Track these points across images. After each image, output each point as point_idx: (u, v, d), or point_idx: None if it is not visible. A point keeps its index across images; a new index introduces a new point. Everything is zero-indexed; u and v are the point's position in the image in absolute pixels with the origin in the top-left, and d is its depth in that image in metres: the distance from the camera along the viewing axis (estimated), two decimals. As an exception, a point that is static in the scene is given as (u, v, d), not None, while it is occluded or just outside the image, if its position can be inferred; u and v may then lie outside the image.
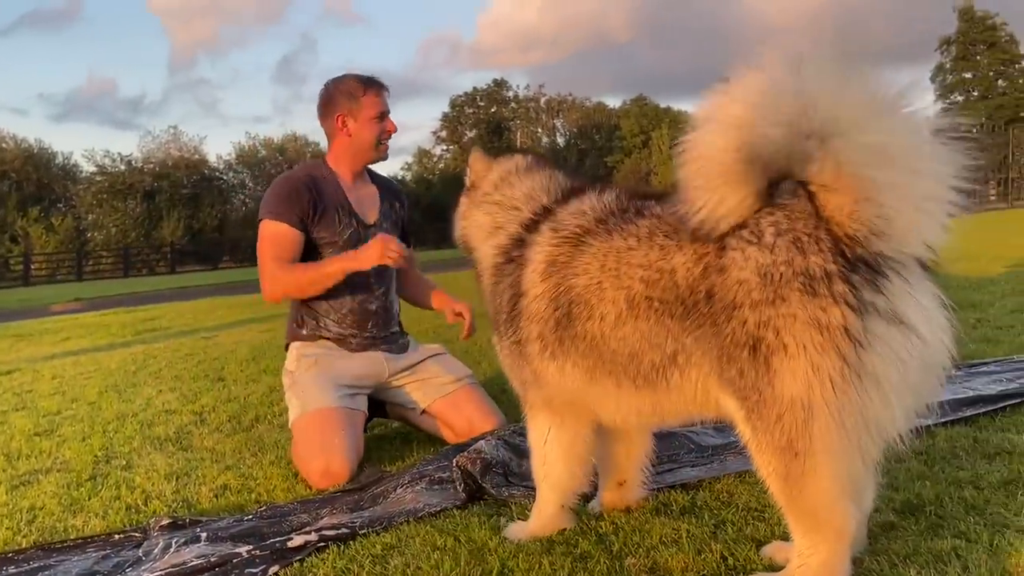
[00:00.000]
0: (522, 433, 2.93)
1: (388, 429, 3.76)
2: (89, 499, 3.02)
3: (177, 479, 3.17)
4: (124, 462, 3.50)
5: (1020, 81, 47.13)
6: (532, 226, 2.25)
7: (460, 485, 2.66)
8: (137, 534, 2.59)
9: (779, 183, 1.72)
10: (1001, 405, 3.09)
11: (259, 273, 3.28)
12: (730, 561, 2.03)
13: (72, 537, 2.62)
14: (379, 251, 3.05)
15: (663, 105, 61.03)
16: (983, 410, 3.05)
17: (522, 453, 2.84)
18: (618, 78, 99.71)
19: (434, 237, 34.63)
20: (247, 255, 43.66)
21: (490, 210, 2.39)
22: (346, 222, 3.35)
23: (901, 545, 2.02)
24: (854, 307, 1.61)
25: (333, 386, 3.22)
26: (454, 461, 2.74)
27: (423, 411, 3.42)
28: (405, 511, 2.54)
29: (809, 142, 1.62)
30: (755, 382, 1.72)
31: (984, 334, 4.59)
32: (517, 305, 2.19)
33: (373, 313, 3.42)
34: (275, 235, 3.26)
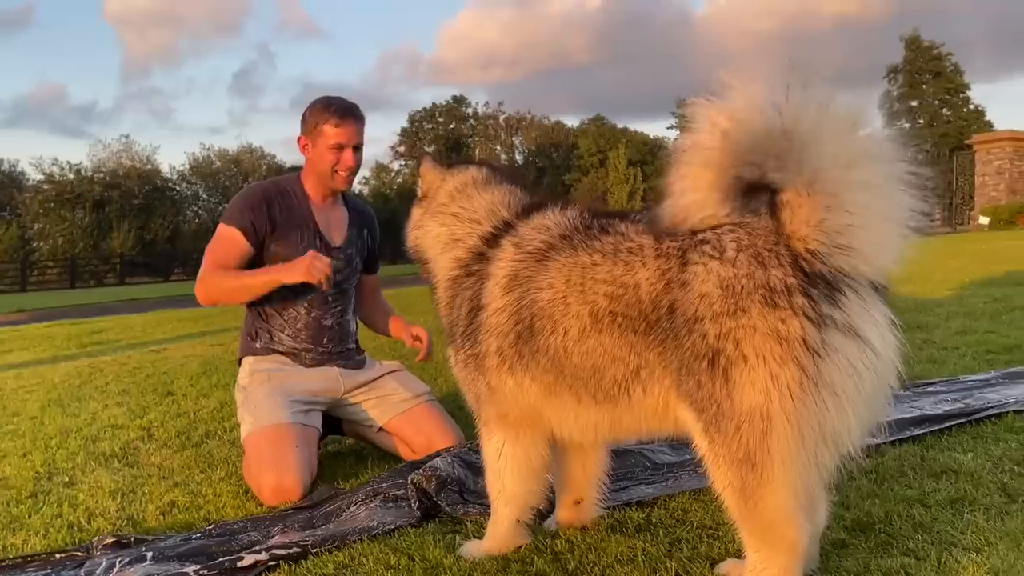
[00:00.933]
0: (478, 451, 2.90)
1: (342, 446, 3.71)
2: (29, 517, 2.92)
3: (122, 496, 3.09)
4: (67, 479, 3.39)
5: (964, 110, 48.66)
6: (493, 240, 2.25)
7: (415, 503, 2.63)
8: (79, 553, 2.51)
9: (753, 191, 1.75)
10: (947, 425, 3.15)
11: (199, 273, 3.26)
12: (684, 579, 2.04)
13: (11, 556, 2.53)
14: (305, 267, 3.03)
15: (620, 125, 61.71)
16: (929, 429, 3.11)
17: (478, 470, 2.81)
18: (576, 98, 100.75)
19: (390, 252, 34.35)
20: (199, 267, 42.99)
21: (446, 221, 2.39)
22: (309, 242, 3.31)
23: (852, 563, 2.05)
24: (813, 319, 1.66)
25: (287, 402, 3.17)
26: (409, 478, 2.72)
27: (380, 428, 3.38)
28: (359, 529, 2.50)
29: (790, 143, 1.67)
30: (713, 393, 1.75)
31: (930, 355, 4.69)
32: (476, 319, 2.19)
33: (328, 329, 3.38)
34: (224, 239, 3.26)
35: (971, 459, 2.77)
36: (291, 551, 2.33)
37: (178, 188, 51.02)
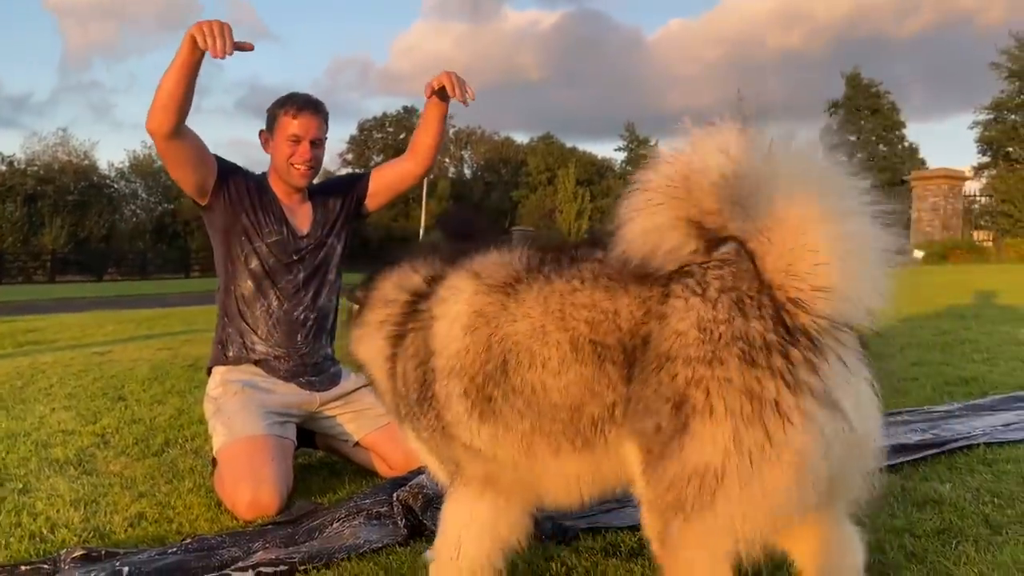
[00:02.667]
0: (463, 468, 2.86)
1: (312, 459, 3.60)
2: (-15, 526, 2.76)
3: (85, 506, 2.94)
4: (20, 485, 3.22)
5: (899, 147, 50.38)
6: (424, 295, 2.08)
7: (401, 520, 2.56)
8: (46, 566, 2.37)
9: (720, 241, 1.69)
10: (921, 455, 3.21)
11: None
12: (688, 605, 2.01)
13: (-30, 568, 2.38)
14: (195, 27, 2.70)
15: (569, 145, 62.24)
16: (906, 459, 3.17)
17: (464, 489, 2.76)
18: (527, 115, 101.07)
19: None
20: (135, 267, 41.85)
21: (368, 318, 2.23)
22: (274, 228, 3.25)
23: (853, 592, 2.05)
24: (789, 384, 1.56)
25: (262, 413, 3.07)
26: (395, 496, 2.65)
27: (356, 443, 3.29)
28: (345, 547, 2.42)
29: (742, 188, 1.62)
30: (668, 439, 1.63)
31: (891, 385, 4.79)
32: (427, 368, 1.98)
33: (302, 324, 3.28)
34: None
35: (950, 490, 2.82)
36: (278, 568, 2.25)
37: (116, 186, 49.50)
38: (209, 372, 3.33)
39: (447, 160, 61.19)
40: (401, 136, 61.58)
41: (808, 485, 1.57)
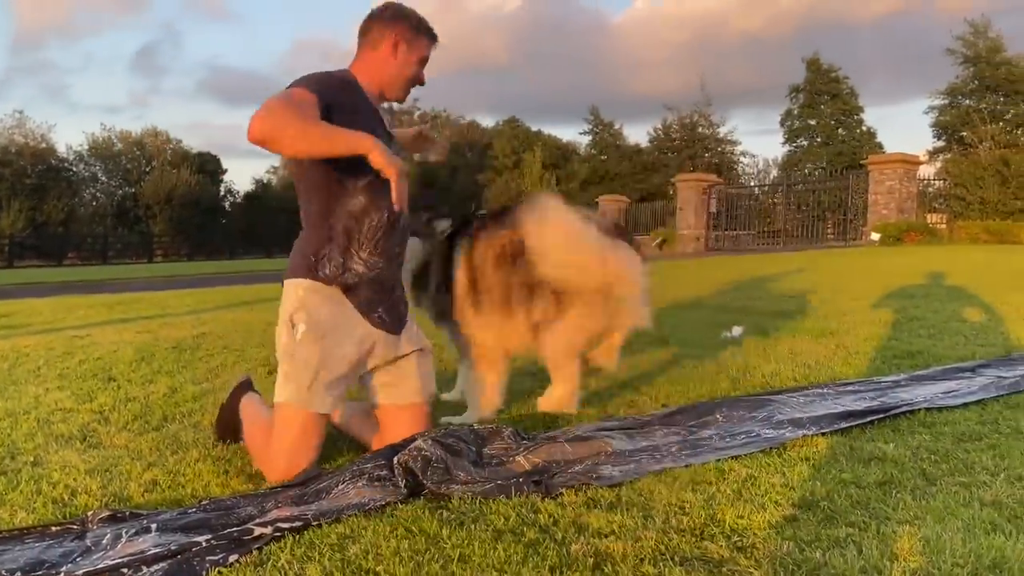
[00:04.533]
0: (454, 435, 3.12)
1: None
2: (8, 493, 2.95)
3: (100, 475, 3.14)
4: (31, 459, 3.40)
5: (857, 131, 51.32)
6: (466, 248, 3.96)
7: (401, 481, 2.80)
8: (75, 526, 2.58)
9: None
10: (868, 420, 3.54)
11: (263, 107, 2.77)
12: (662, 547, 2.30)
13: (6, 528, 2.58)
14: (392, 159, 2.82)
15: (535, 128, 62.36)
16: (854, 423, 3.49)
17: (456, 452, 3.02)
18: (492, 99, 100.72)
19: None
20: (95, 252, 41.33)
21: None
22: (381, 132, 3.14)
23: (804, 532, 2.35)
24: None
25: (330, 382, 3.10)
26: (395, 460, 2.89)
27: (372, 406, 3.39)
28: (352, 505, 2.66)
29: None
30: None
31: (844, 358, 5.15)
32: (456, 291, 3.84)
33: (398, 230, 3.22)
34: (299, 98, 2.85)
35: (893, 448, 3.15)
36: (294, 524, 2.48)
37: (75, 169, 48.76)
38: (288, 282, 3.16)
39: (412, 143, 60.73)
40: (365, 119, 60.97)
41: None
